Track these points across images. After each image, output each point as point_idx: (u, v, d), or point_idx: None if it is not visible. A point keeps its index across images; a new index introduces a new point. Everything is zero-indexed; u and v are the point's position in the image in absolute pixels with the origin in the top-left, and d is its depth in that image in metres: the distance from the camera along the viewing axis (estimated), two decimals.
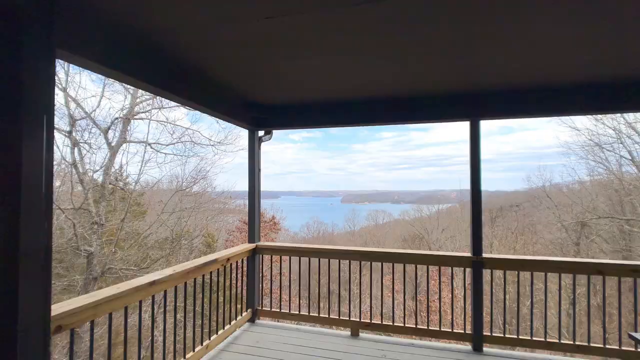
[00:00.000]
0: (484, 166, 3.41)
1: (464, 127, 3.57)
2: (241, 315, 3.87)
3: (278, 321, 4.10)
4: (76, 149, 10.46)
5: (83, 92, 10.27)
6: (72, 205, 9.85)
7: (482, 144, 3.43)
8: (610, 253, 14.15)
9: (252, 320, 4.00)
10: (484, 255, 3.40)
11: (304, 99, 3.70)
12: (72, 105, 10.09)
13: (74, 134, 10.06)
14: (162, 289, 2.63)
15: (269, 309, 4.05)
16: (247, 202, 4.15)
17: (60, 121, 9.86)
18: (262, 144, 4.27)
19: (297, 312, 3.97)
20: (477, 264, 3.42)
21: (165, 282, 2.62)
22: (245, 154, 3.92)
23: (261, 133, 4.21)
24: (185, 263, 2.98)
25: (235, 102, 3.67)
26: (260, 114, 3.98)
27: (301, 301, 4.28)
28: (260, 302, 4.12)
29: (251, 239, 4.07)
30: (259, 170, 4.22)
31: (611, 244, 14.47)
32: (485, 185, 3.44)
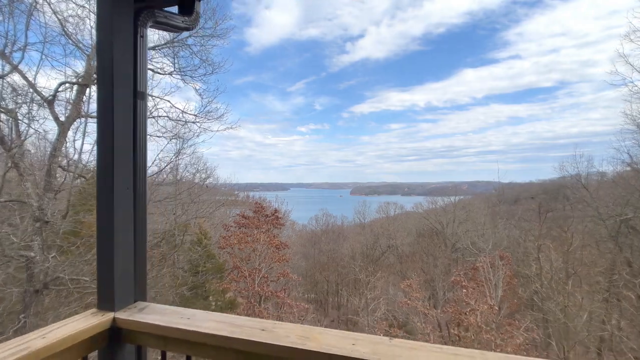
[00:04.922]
0: (494, 157, 0.74)
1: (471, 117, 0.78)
2: None
3: None
4: (5, 122, 7.97)
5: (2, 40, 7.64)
6: None
7: (489, 135, 0.81)
8: None
9: None
10: None
11: None
12: None
13: None
14: None
15: None
16: (252, 194, 4.77)
17: None
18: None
19: None
20: None
21: None
22: (246, 145, 0.98)
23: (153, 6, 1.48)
24: None
25: None
26: None
27: None
28: None
29: (104, 302, 1.36)
30: (144, 101, 1.52)
31: None
32: (495, 176, 0.75)
